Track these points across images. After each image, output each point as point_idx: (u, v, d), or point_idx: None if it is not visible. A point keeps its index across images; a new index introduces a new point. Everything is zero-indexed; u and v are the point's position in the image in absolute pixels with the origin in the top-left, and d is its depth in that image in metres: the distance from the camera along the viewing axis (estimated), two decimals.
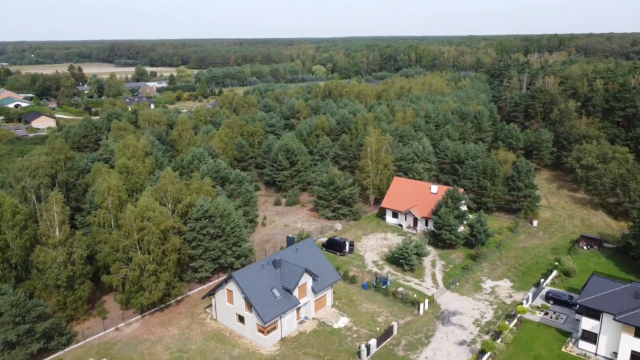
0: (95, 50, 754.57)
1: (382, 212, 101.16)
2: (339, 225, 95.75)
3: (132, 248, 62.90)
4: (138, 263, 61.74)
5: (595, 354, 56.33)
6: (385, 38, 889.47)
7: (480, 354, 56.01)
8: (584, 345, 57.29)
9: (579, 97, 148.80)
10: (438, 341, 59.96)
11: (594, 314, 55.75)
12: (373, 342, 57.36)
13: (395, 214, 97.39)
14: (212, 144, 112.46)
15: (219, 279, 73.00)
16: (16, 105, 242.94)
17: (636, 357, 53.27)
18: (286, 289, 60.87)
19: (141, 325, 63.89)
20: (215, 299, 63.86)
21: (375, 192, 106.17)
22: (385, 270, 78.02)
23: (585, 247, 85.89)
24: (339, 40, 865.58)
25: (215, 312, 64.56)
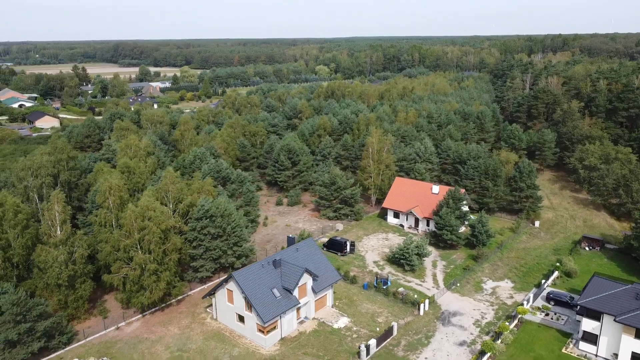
0: (99, 50, 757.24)
1: (384, 213, 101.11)
2: (340, 226, 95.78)
3: (133, 247, 63.14)
4: (139, 262, 61.96)
5: (595, 355, 56.14)
6: (388, 38, 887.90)
7: (480, 355, 55.93)
8: (585, 347, 57.10)
9: (582, 98, 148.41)
10: (438, 342, 59.90)
11: (595, 315, 55.54)
12: (373, 343, 57.35)
13: (396, 215, 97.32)
14: (214, 144, 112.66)
15: (220, 279, 73.11)
16: (20, 105, 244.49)
17: (637, 359, 53.08)
18: (286, 289, 60.94)
19: (142, 324, 64.11)
20: (215, 299, 64.00)
21: (376, 193, 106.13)
22: (386, 271, 77.96)
23: (587, 248, 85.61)
24: (343, 41, 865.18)
25: (216, 312, 64.69)
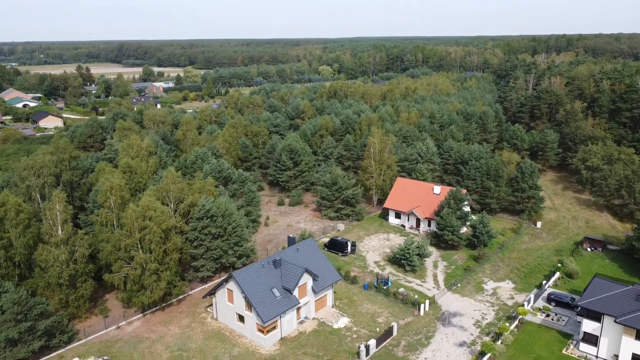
0: (103, 50, 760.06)
1: (385, 213, 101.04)
2: (341, 226, 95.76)
3: (134, 247, 63.33)
4: (139, 262, 62.13)
5: (596, 357, 55.93)
6: (391, 39, 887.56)
7: (480, 356, 55.81)
8: (585, 348, 56.91)
9: (585, 98, 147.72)
10: (438, 342, 59.82)
11: (595, 316, 55.35)
12: (372, 343, 57.32)
13: (398, 215, 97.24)
14: (216, 144, 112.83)
15: (220, 279, 73.23)
16: (24, 105, 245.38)
17: None
18: (286, 289, 60.99)
19: (142, 323, 64.29)
20: (215, 299, 64.11)
21: (378, 193, 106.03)
22: (387, 271, 77.90)
23: (589, 249, 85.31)
24: (346, 41, 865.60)
25: (216, 312, 64.81)
